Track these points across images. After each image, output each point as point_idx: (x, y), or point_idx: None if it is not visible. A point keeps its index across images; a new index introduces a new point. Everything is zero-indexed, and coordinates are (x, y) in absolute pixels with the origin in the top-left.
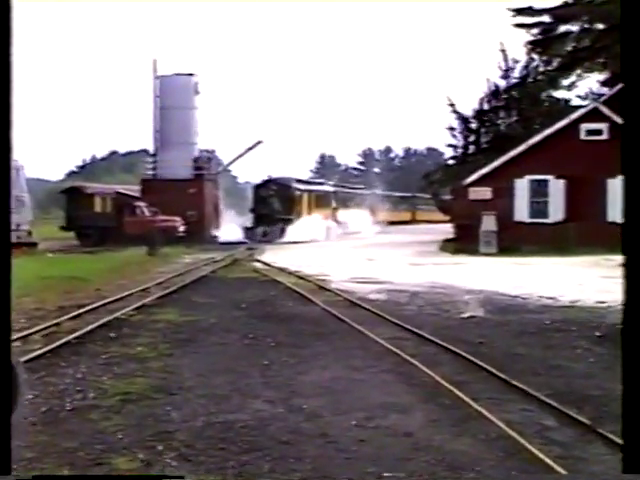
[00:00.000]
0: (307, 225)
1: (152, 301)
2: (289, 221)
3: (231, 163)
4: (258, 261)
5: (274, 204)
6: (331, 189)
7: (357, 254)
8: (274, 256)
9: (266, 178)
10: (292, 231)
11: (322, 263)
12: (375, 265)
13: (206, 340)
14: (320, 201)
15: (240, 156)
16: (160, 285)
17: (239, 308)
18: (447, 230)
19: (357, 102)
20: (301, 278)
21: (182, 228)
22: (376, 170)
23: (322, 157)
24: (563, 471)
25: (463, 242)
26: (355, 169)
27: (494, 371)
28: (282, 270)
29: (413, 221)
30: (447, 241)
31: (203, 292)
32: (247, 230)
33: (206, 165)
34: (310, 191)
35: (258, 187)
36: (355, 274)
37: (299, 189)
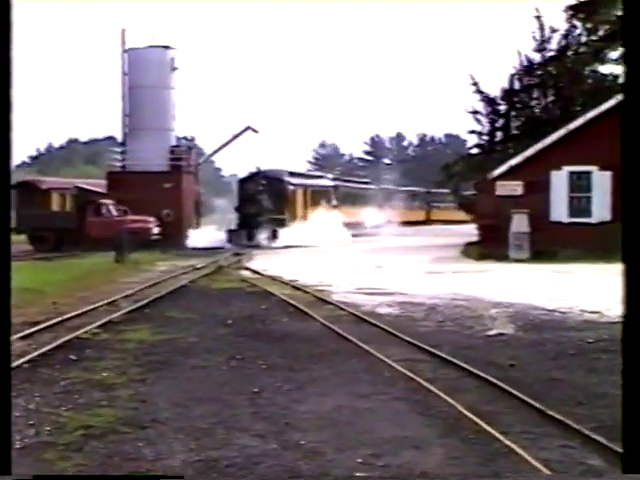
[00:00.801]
0: (303, 227)
1: (120, 317)
2: (281, 222)
3: (215, 153)
4: (246, 269)
5: (263, 201)
6: (331, 183)
7: (363, 260)
8: (265, 263)
9: (253, 170)
10: (285, 234)
11: (322, 271)
12: (385, 273)
13: (185, 363)
14: (318, 198)
15: (225, 145)
16: (130, 297)
17: (224, 325)
18: (469, 232)
19: (363, 82)
20: (297, 289)
21: (156, 230)
22: (386, 161)
23: (322, 146)
24: None
25: (489, 246)
26: (361, 159)
27: (527, 399)
28: (275, 279)
29: (428, 221)
30: (470, 244)
31: (181, 306)
32: (231, 233)
33: (185, 155)
34: (306, 186)
35: (244, 181)
36: (361, 284)
37: (293, 183)
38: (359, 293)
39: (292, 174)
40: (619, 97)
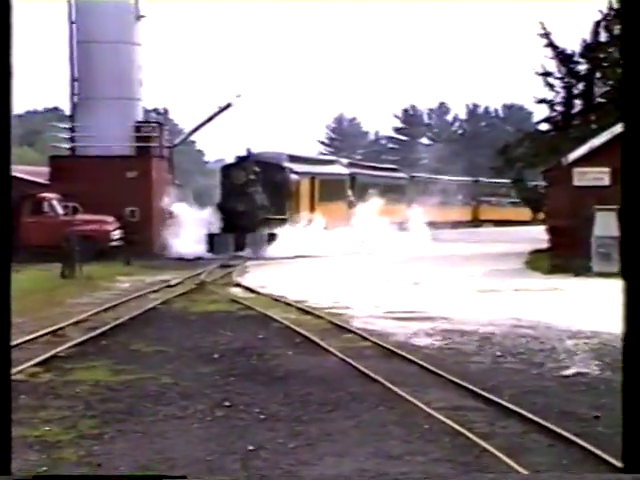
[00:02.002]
0: (310, 230)
1: (68, 350)
2: (281, 223)
3: (195, 131)
4: (237, 285)
5: (256, 196)
6: (346, 171)
7: (393, 274)
8: (262, 277)
9: (242, 154)
10: (286, 239)
11: (338, 288)
12: (423, 292)
13: (155, 412)
14: (330, 190)
15: (209, 120)
16: (81, 325)
17: (208, 360)
18: (536, 235)
19: (393, 37)
20: (306, 312)
21: (117, 234)
22: (423, 141)
23: (339, 121)
24: None
25: (563, 254)
26: (391, 139)
27: (620, 465)
28: (276, 300)
29: (474, 221)
30: (537, 253)
31: (150, 335)
32: (212, 238)
33: (155, 134)
34: (314, 175)
35: (229, 169)
36: (391, 306)
37: (296, 171)
38: (388, 318)
39: (294, 159)
40: None
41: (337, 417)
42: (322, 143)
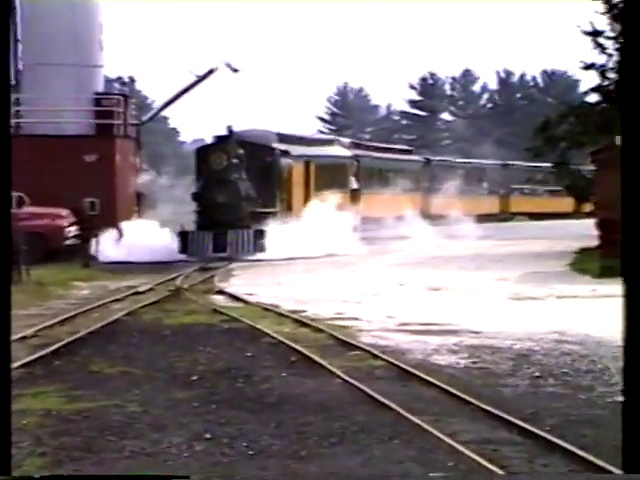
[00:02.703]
0: (305, 225)
1: (12, 373)
2: (270, 218)
3: (167, 106)
4: (220, 292)
5: (239, 184)
6: (349, 153)
7: (408, 278)
8: (250, 283)
9: (223, 133)
10: (277, 237)
11: (342, 296)
12: (445, 299)
13: (120, 448)
14: (328, 177)
15: (184, 92)
16: (28, 342)
17: (185, 384)
18: (582, 230)
19: None
20: (304, 324)
21: (73, 230)
22: (445, 117)
23: (342, 93)
24: None
25: (617, 254)
26: (406, 115)
27: None
28: (267, 309)
29: (504, 213)
30: (583, 252)
31: (114, 354)
32: (186, 237)
33: (119, 109)
34: (309, 158)
35: (207, 151)
36: (407, 316)
37: (287, 154)
38: (404, 331)
39: (285, 138)
40: None
41: (341, 452)
42: (322, 120)
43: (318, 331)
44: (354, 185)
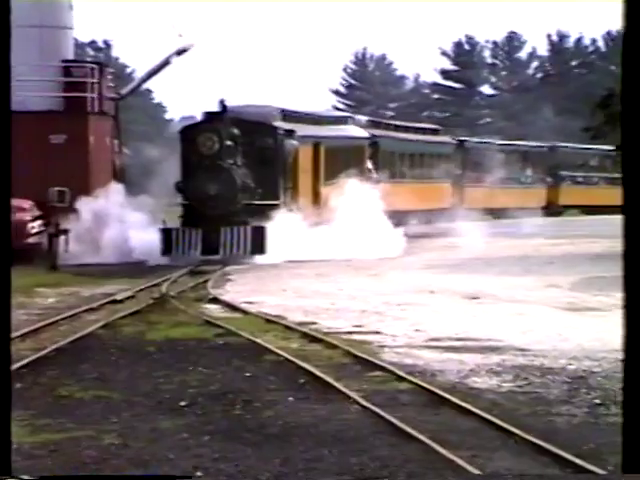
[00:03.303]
0: (314, 221)
1: None
2: (271, 212)
3: (151, 76)
4: (215, 300)
5: (233, 172)
6: (365, 134)
7: (441, 284)
8: (251, 289)
9: (214, 110)
10: (281, 235)
11: (362, 304)
12: (485, 309)
13: None
14: (341, 163)
15: (166, 62)
16: None
17: (173, 410)
18: None
19: None
20: (315, 339)
21: (37, 226)
22: (485, 90)
23: (360, 61)
24: None
25: None
26: (438, 87)
27: None
28: (271, 322)
29: (552, 206)
30: None
31: (88, 374)
32: (169, 235)
33: (93, 80)
34: (318, 139)
35: (194, 131)
36: (440, 330)
37: (292, 134)
38: (435, 348)
39: (290, 116)
40: None
41: None
42: (336, 93)
43: (332, 347)
44: (371, 172)
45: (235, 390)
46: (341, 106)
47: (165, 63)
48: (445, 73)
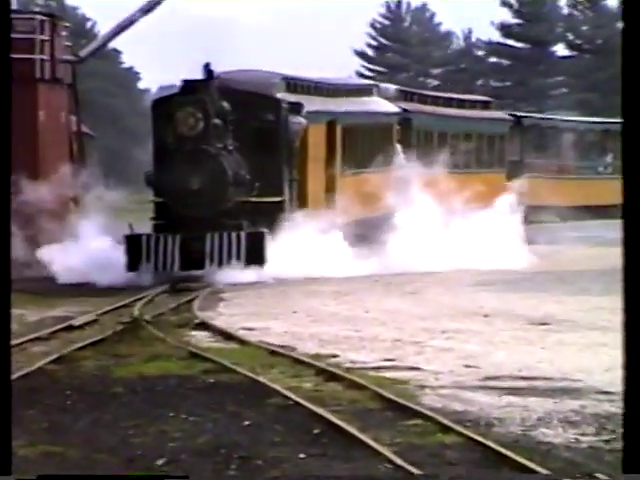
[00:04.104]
0: (329, 222)
1: None
2: (272, 211)
3: (119, 33)
4: (202, 326)
5: (222, 159)
6: (394, 108)
7: (497, 305)
8: (251, 313)
9: (195, 77)
10: (285, 243)
11: (396, 332)
12: (556, 339)
13: None
14: (363, 146)
15: (145, 12)
16: None
17: (147, 471)
18: None
19: None
20: (333, 377)
21: None
22: (559, 50)
23: (394, 13)
24: None
25: None
26: (495, 48)
27: None
28: (276, 353)
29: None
30: None
31: (34, 424)
32: (137, 244)
33: (42, 37)
34: (333, 116)
35: (170, 104)
36: (496, 366)
37: (299, 108)
38: (491, 389)
39: (295, 84)
40: None
41: None
42: (361, 56)
43: (356, 387)
44: (400, 157)
45: (229, 444)
46: (368, 73)
47: (142, 13)
48: (506, 29)
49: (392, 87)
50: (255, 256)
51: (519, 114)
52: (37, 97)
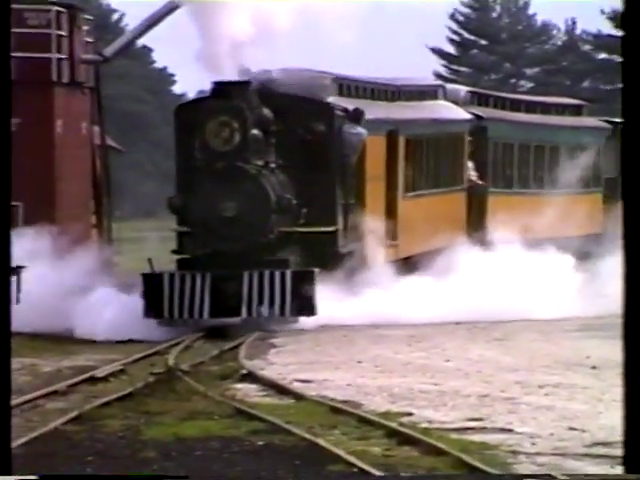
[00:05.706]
0: (391, 260)
1: None
2: (324, 243)
3: (149, 28)
4: (249, 377)
5: (263, 180)
6: (465, 115)
7: (606, 354)
8: (307, 362)
9: (230, 79)
10: (341, 285)
11: (482, 386)
12: None
13: None
14: (429, 162)
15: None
16: None
17: None
18: None
19: None
20: (407, 440)
21: None
22: None
23: (479, 2)
24: None
25: None
26: (605, 42)
27: None
28: (338, 411)
29: None
30: None
31: None
32: (157, 285)
33: (58, 32)
34: (395, 126)
35: (198, 112)
36: (607, 429)
37: (358, 117)
38: (601, 457)
39: (349, 86)
40: None
41: None
42: (439, 54)
43: (435, 453)
44: (473, 176)
45: None
46: (445, 74)
47: (165, 14)
48: (619, 18)
49: (462, 89)
50: (303, 300)
51: (618, 120)
52: (53, 104)
